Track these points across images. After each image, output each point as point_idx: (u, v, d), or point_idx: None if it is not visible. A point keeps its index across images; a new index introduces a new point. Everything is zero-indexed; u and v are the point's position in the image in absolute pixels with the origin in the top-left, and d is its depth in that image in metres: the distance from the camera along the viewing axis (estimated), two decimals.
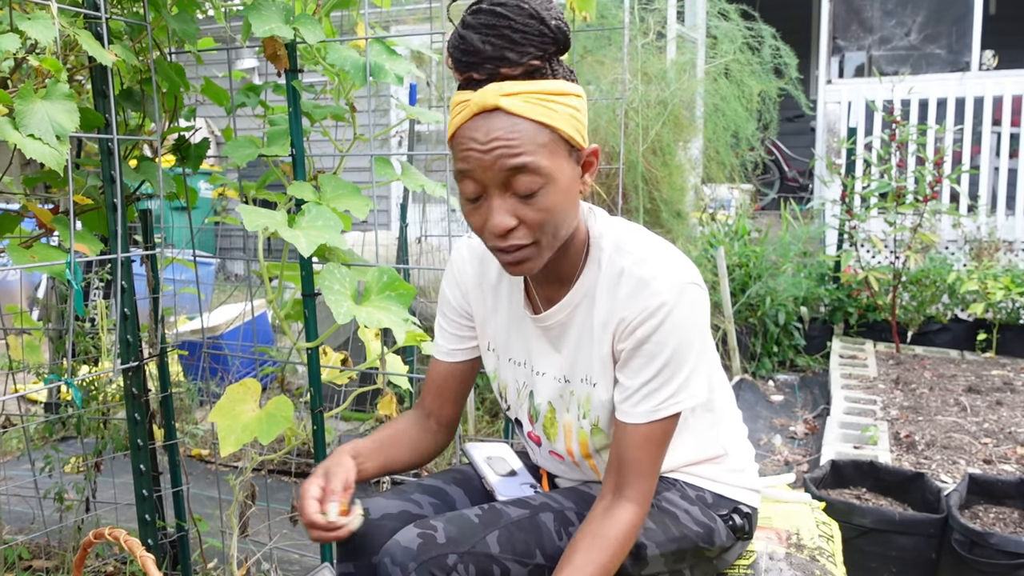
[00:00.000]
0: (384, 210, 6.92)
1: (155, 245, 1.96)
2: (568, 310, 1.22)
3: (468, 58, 1.05)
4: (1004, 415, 3.37)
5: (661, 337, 1.12)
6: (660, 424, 1.14)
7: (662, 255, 1.16)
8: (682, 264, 1.16)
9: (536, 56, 1.05)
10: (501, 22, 1.03)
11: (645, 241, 1.19)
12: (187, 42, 1.80)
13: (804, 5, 8.03)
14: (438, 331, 1.40)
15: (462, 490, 1.37)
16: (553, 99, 1.06)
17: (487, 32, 1.03)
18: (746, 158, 4.43)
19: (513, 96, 1.05)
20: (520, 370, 1.32)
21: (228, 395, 1.70)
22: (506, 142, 1.04)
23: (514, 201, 1.07)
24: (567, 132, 1.08)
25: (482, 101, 1.05)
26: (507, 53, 1.04)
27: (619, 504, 1.15)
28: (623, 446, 1.16)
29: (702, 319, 1.16)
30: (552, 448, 1.33)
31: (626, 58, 3.08)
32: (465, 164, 1.07)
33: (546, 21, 1.04)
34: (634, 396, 1.15)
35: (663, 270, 1.13)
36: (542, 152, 1.06)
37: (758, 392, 4.17)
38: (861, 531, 2.24)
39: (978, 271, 4.53)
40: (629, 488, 1.15)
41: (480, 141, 1.05)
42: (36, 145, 1.35)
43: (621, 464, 1.16)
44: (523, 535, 1.17)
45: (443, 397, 1.39)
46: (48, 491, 2.26)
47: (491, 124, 1.05)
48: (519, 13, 1.03)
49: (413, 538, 1.14)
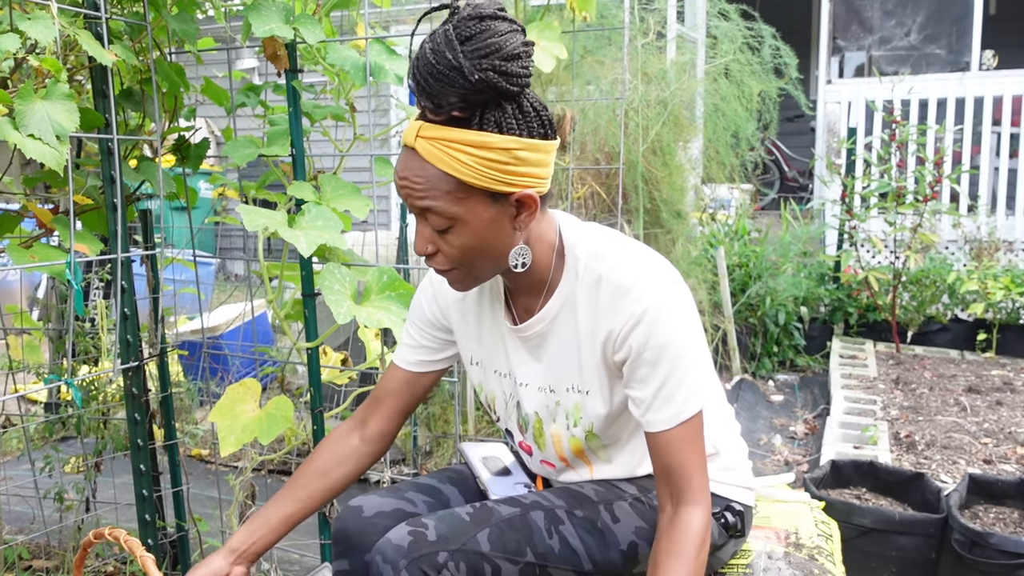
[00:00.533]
0: (384, 210, 6.92)
1: (155, 245, 1.96)
2: (547, 320, 1.22)
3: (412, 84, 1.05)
4: (1004, 415, 3.37)
5: (656, 342, 1.12)
6: (686, 425, 1.14)
7: (637, 260, 1.17)
8: (658, 266, 1.17)
9: (458, 107, 1.03)
10: (429, 68, 1.02)
11: (620, 247, 1.19)
12: (187, 42, 1.80)
13: (804, 5, 8.02)
14: (406, 339, 1.39)
15: (456, 489, 1.37)
16: (466, 149, 1.04)
17: (421, 70, 1.03)
18: (746, 158, 4.42)
19: (425, 140, 1.05)
20: (506, 381, 1.32)
21: (228, 395, 1.70)
22: (412, 184, 1.07)
23: (428, 230, 1.11)
24: (477, 183, 1.06)
25: (405, 136, 1.07)
26: (423, 100, 1.04)
27: (682, 511, 1.14)
28: (662, 456, 1.15)
29: (690, 315, 1.16)
30: (543, 457, 1.33)
31: (626, 58, 3.08)
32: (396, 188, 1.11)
33: (466, 74, 1.00)
34: (652, 406, 1.14)
35: (641, 275, 1.14)
36: (447, 198, 1.07)
37: (758, 392, 4.17)
38: (861, 531, 2.24)
39: (978, 271, 4.52)
40: (684, 492, 1.14)
41: (399, 175, 1.09)
42: (36, 145, 1.35)
43: (667, 473, 1.15)
44: (514, 533, 1.18)
45: (390, 407, 1.38)
46: (48, 491, 2.26)
47: (407, 161, 1.08)
48: (440, 60, 1.01)
49: (404, 536, 1.14)
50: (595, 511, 1.23)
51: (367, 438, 1.37)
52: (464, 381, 3.11)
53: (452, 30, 1.02)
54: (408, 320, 1.40)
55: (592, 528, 1.21)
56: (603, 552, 1.21)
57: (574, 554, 1.19)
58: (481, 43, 1.01)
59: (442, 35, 1.02)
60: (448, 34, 1.01)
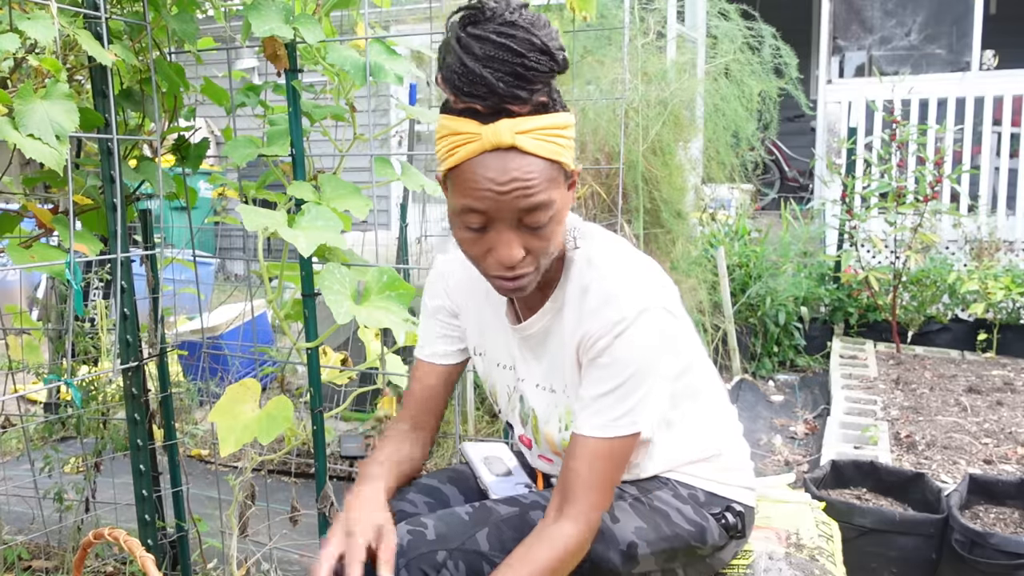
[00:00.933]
0: (384, 210, 6.92)
1: (155, 245, 1.96)
2: (543, 321, 1.22)
3: (475, 90, 1.00)
4: (1004, 415, 3.37)
5: (617, 352, 1.10)
6: (611, 442, 1.12)
7: (631, 273, 1.15)
8: (652, 286, 1.14)
9: (544, 92, 1.03)
10: (513, 59, 0.99)
11: (617, 257, 1.18)
12: (187, 42, 1.80)
13: (804, 5, 8.02)
14: (427, 336, 1.38)
15: (456, 489, 1.37)
16: (559, 133, 1.05)
17: (497, 67, 0.99)
18: (746, 158, 4.42)
19: (526, 134, 1.02)
20: (509, 374, 1.32)
21: (228, 395, 1.69)
22: (524, 183, 1.03)
23: (522, 233, 1.07)
24: (568, 163, 1.08)
25: (496, 139, 1.02)
26: (519, 92, 1.00)
27: (558, 523, 1.11)
28: (572, 458, 1.13)
29: (663, 344, 1.13)
30: (541, 452, 1.34)
31: (626, 58, 3.08)
32: (478, 203, 1.04)
33: (555, 56, 1.01)
34: (589, 408, 1.13)
35: (629, 288, 1.13)
36: (552, 187, 1.05)
37: (758, 392, 4.17)
38: (861, 531, 2.23)
39: (978, 271, 4.52)
40: (572, 504, 1.12)
41: (497, 182, 1.02)
42: (36, 145, 1.35)
43: (567, 477, 1.13)
44: (513, 533, 1.17)
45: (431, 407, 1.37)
46: (48, 491, 2.26)
47: (507, 164, 1.02)
48: (531, 48, 0.99)
49: (403, 535, 1.14)
50: None
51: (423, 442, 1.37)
52: (464, 381, 3.11)
53: (519, 20, 0.99)
54: (426, 318, 1.39)
55: None
56: (601, 551, 1.21)
57: None
58: (548, 27, 1.02)
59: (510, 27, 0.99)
60: (518, 24, 0.99)
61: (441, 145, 1.07)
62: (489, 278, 1.13)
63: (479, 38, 0.99)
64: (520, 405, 1.32)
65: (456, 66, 1.00)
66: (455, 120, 1.04)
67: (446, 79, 1.02)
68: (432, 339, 1.37)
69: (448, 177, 1.08)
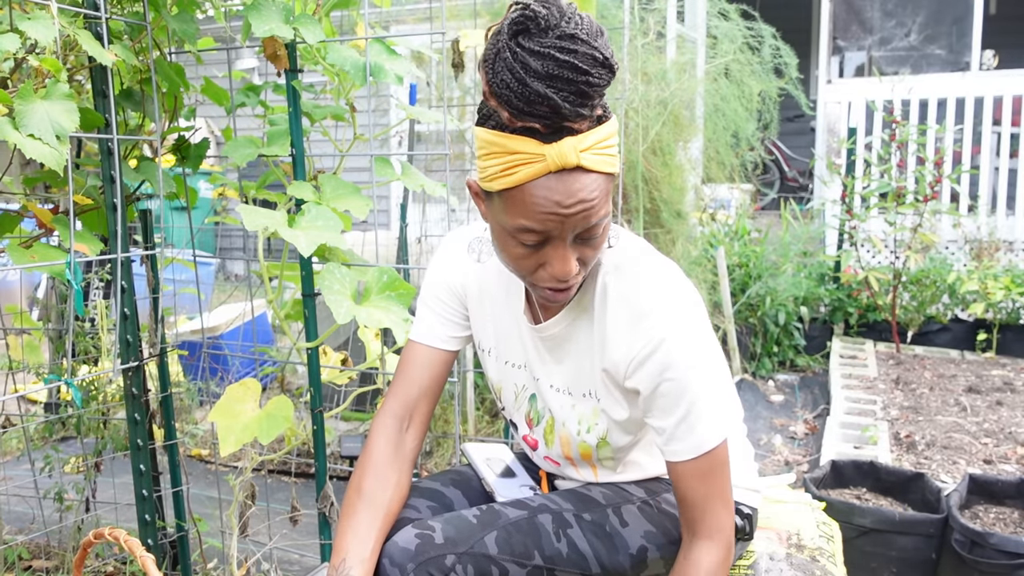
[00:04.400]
0: (384, 210, 6.92)
1: (155, 245, 1.96)
2: (567, 323, 1.20)
3: (536, 110, 0.94)
4: (1004, 415, 3.37)
5: (674, 374, 1.09)
6: (707, 457, 1.12)
7: (657, 281, 1.13)
8: (678, 288, 1.13)
9: (601, 104, 1.00)
10: (578, 77, 0.93)
11: (642, 263, 1.16)
12: (187, 42, 1.80)
13: (804, 5, 8.02)
14: (427, 316, 1.32)
15: (460, 491, 1.36)
16: (612, 143, 1.03)
17: (562, 87, 0.93)
18: (746, 158, 4.43)
19: (588, 151, 0.99)
20: (520, 373, 1.30)
21: (228, 395, 1.69)
22: (589, 203, 1.00)
23: (577, 246, 1.05)
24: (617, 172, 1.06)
25: (562, 160, 0.97)
26: (582, 110, 0.95)
27: (694, 545, 1.13)
28: (682, 487, 1.13)
29: (707, 342, 1.14)
30: (547, 454, 1.32)
31: (626, 58, 3.08)
32: (540, 224, 1.01)
33: (614, 68, 0.96)
34: (674, 436, 1.12)
35: (658, 300, 1.11)
36: (608, 201, 1.04)
37: (758, 392, 4.17)
38: (861, 531, 2.24)
39: (978, 271, 4.52)
40: (698, 525, 1.13)
41: (564, 204, 0.99)
42: (36, 145, 1.35)
43: (685, 504, 1.14)
44: (521, 536, 1.17)
45: (427, 390, 1.30)
46: (48, 491, 2.26)
47: (572, 185, 0.98)
48: (594, 64, 0.94)
49: (411, 539, 1.14)
50: (603, 514, 1.23)
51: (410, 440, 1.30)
52: (464, 381, 3.11)
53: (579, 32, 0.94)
54: (427, 296, 1.32)
55: (600, 532, 1.21)
56: (611, 556, 1.20)
57: (582, 558, 1.19)
58: (603, 34, 0.97)
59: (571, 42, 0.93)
60: (578, 37, 0.93)
61: (492, 163, 1.00)
62: (536, 288, 1.10)
63: (537, 54, 0.93)
64: (529, 405, 1.31)
65: (513, 84, 0.94)
66: (511, 139, 0.98)
67: (501, 97, 0.95)
68: (429, 319, 1.32)
69: (500, 196, 1.03)
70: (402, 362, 1.32)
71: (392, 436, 1.27)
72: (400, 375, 1.31)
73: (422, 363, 1.30)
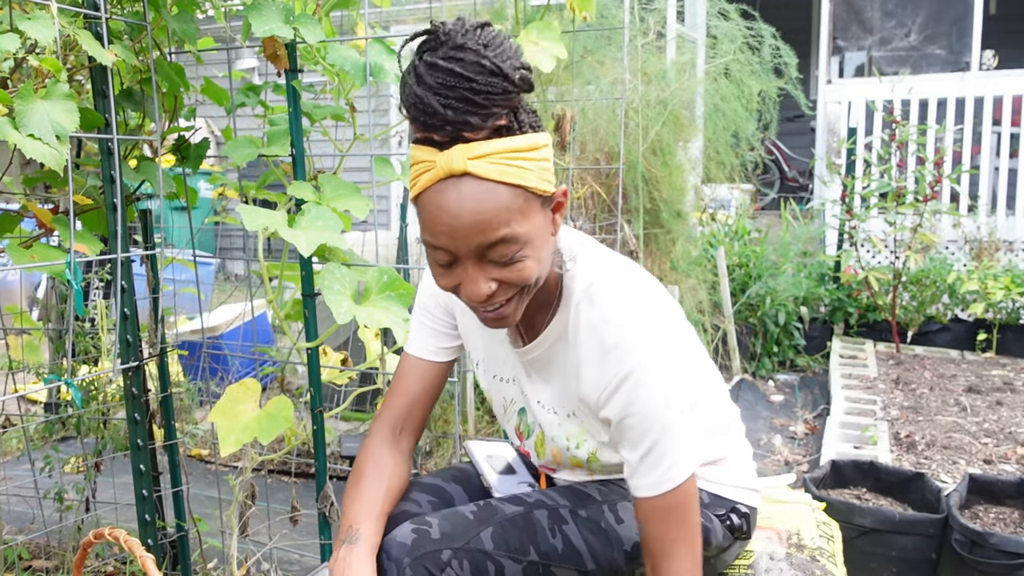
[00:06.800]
0: (384, 210, 6.92)
1: (155, 245, 1.96)
2: (547, 346, 1.19)
3: (427, 119, 0.96)
4: (1004, 415, 3.37)
5: (640, 409, 1.06)
6: (672, 494, 1.09)
7: (628, 308, 1.09)
8: (648, 317, 1.08)
9: (502, 115, 0.97)
10: (461, 83, 0.94)
11: (616, 290, 1.11)
12: (187, 42, 1.80)
13: (804, 5, 8.02)
14: (419, 328, 1.33)
15: (461, 488, 1.37)
16: (524, 156, 0.99)
17: (447, 95, 0.94)
18: (746, 158, 4.43)
19: (482, 159, 0.96)
20: (509, 387, 1.30)
21: (228, 395, 1.69)
22: (481, 214, 0.96)
23: (491, 266, 1.01)
24: (538, 187, 1.00)
25: (448, 166, 0.96)
26: (470, 118, 0.95)
27: None
28: (646, 526, 1.12)
29: (678, 370, 1.09)
30: (540, 463, 1.33)
31: (626, 58, 3.08)
32: (436, 239, 0.99)
33: (509, 76, 0.95)
34: (636, 471, 1.10)
35: (628, 331, 1.07)
36: (518, 218, 0.98)
37: (758, 392, 4.17)
38: (861, 531, 2.24)
39: (978, 271, 4.53)
40: (666, 562, 1.10)
41: (451, 213, 0.96)
42: (36, 145, 1.35)
43: (648, 546, 1.12)
44: (517, 532, 1.17)
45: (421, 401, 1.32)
46: (48, 491, 2.26)
47: (461, 192, 0.96)
48: (480, 71, 0.94)
49: (408, 534, 1.14)
50: (599, 511, 1.23)
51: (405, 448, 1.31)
52: (464, 381, 3.11)
53: (468, 42, 0.96)
54: (419, 311, 1.34)
55: (596, 528, 1.21)
56: (606, 552, 1.21)
57: (577, 553, 1.19)
58: (502, 46, 0.97)
59: (459, 51, 0.95)
60: (467, 47, 0.95)
61: (410, 174, 1.02)
62: (471, 310, 1.08)
63: (430, 65, 0.95)
64: (519, 419, 1.31)
65: (408, 94, 0.97)
66: (417, 148, 1.00)
67: (405, 108, 0.98)
68: (422, 332, 1.33)
69: (416, 210, 1.03)
70: (397, 372, 1.35)
71: (388, 436, 1.30)
72: (395, 385, 1.34)
73: (415, 374, 1.33)
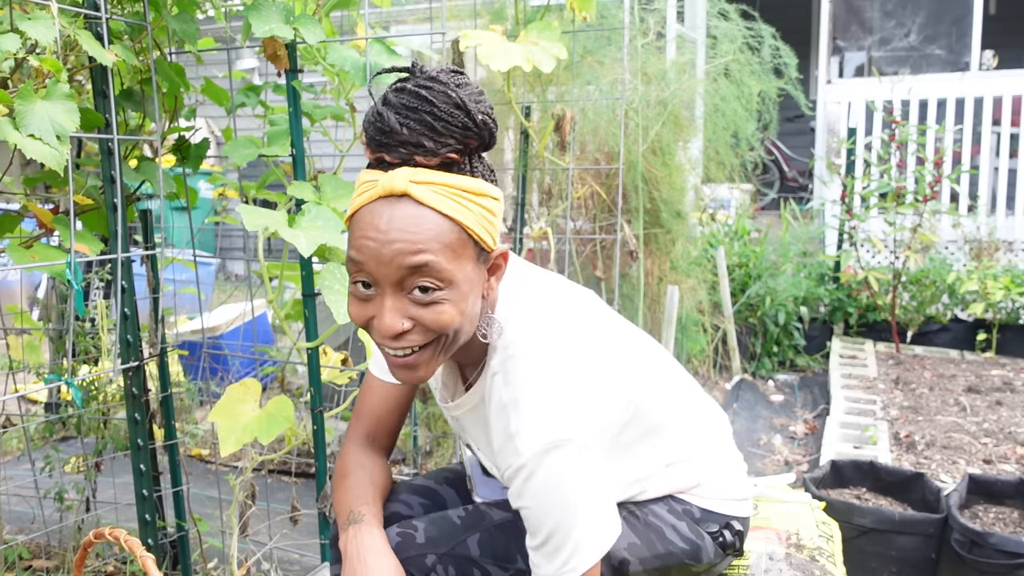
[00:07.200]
0: None
1: (155, 245, 1.96)
2: (468, 408, 1.16)
3: (382, 137, 0.95)
4: (1004, 415, 3.37)
5: (533, 502, 1.01)
6: None
7: (534, 394, 1.02)
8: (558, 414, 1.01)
9: (455, 149, 0.96)
10: (423, 106, 0.94)
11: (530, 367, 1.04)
12: (187, 42, 1.80)
13: (804, 5, 8.02)
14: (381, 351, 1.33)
15: (454, 490, 1.36)
16: (467, 196, 0.97)
17: (407, 115, 0.95)
18: (746, 158, 4.43)
19: (424, 185, 0.95)
20: (456, 423, 1.26)
21: (228, 395, 1.70)
22: (409, 235, 0.93)
23: (408, 302, 0.97)
24: (477, 232, 0.98)
25: (390, 184, 0.94)
26: (424, 140, 0.94)
27: None
28: None
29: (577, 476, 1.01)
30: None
31: (626, 58, 3.08)
32: (359, 254, 0.95)
33: (472, 114, 0.96)
34: (535, 560, 1.05)
35: (530, 425, 1.00)
36: (446, 252, 0.95)
37: (758, 392, 4.17)
38: (861, 531, 2.24)
39: (978, 271, 4.53)
40: None
41: (380, 229, 0.94)
42: (36, 145, 1.35)
43: None
44: (504, 539, 1.17)
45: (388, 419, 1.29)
46: (48, 491, 2.26)
47: (395, 211, 0.94)
48: (445, 101, 0.95)
49: (392, 537, 1.14)
50: None
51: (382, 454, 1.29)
52: None
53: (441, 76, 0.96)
54: None
55: None
56: None
57: None
58: (473, 89, 0.98)
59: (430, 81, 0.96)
60: (439, 79, 0.96)
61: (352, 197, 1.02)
62: (382, 353, 1.02)
63: (398, 90, 0.97)
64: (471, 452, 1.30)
65: (370, 114, 0.97)
66: (365, 172, 1.00)
67: (364, 127, 0.98)
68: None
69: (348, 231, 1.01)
70: (362, 388, 1.32)
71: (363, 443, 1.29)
72: (360, 403, 1.31)
73: (379, 395, 1.30)
